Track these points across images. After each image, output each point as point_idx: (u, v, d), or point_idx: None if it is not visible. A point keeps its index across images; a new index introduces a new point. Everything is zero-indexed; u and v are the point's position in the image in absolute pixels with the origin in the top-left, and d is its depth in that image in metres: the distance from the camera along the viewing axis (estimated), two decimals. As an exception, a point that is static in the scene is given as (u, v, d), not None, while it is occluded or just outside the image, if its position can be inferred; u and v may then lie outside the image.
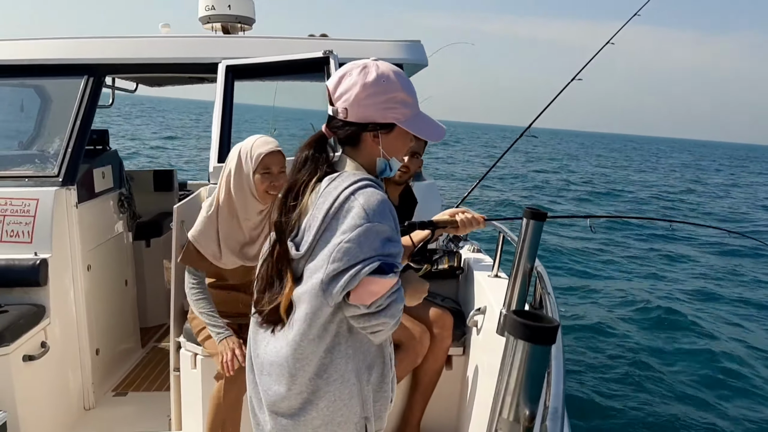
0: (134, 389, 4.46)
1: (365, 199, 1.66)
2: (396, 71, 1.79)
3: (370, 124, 1.76)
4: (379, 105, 1.74)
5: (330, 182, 1.72)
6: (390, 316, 1.66)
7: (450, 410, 3.47)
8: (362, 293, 1.63)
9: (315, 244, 1.68)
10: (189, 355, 3.41)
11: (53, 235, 3.82)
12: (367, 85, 1.73)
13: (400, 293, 1.69)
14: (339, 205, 1.66)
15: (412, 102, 1.80)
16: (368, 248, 1.61)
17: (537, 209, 2.21)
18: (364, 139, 1.79)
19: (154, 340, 5.31)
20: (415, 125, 1.80)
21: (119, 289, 4.76)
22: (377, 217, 1.63)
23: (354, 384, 1.74)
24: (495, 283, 3.38)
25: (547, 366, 1.10)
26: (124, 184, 4.88)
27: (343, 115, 1.76)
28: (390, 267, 1.64)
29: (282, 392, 1.75)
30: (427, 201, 4.29)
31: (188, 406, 3.50)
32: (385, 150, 1.79)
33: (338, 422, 1.74)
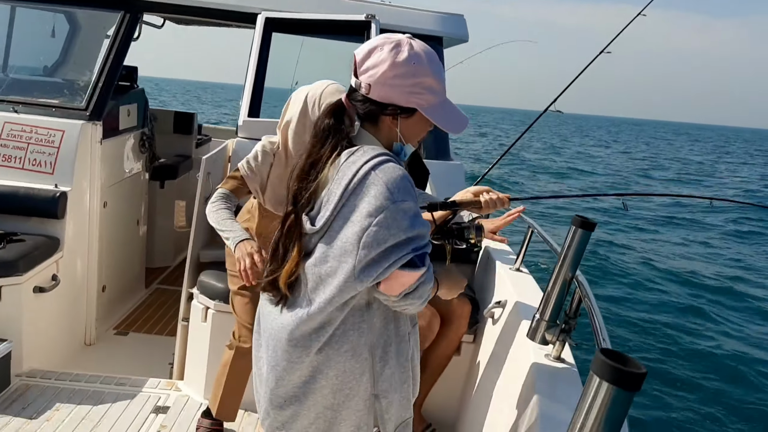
0: (135, 330, 4.45)
1: (387, 176, 1.60)
2: (429, 54, 1.70)
3: (390, 105, 1.68)
4: (405, 88, 1.66)
5: (349, 156, 1.66)
6: (418, 297, 1.65)
7: (452, 396, 3.47)
8: (393, 285, 1.61)
9: (332, 220, 1.64)
10: (200, 308, 3.40)
11: (75, 170, 3.77)
12: (397, 64, 1.65)
13: (429, 273, 1.66)
14: (359, 181, 1.60)
15: (440, 89, 1.71)
16: (397, 229, 1.57)
17: (586, 218, 2.17)
18: (383, 119, 1.72)
19: (157, 282, 5.30)
20: (438, 114, 1.72)
21: (131, 227, 4.74)
22: (401, 194, 1.58)
23: (366, 359, 1.71)
24: (517, 278, 3.36)
25: (627, 411, 1.08)
26: (148, 124, 4.82)
27: (365, 91, 1.68)
28: (422, 258, 1.61)
29: (292, 366, 1.72)
30: (450, 183, 4.25)
31: (192, 358, 3.50)
32: (403, 134, 1.73)
33: (346, 394, 1.72)
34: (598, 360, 1.08)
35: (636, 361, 1.07)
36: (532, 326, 2.32)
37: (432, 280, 1.68)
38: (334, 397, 1.72)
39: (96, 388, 3.43)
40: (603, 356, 1.07)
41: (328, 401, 1.73)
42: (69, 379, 3.49)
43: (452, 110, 1.76)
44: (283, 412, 1.78)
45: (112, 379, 3.53)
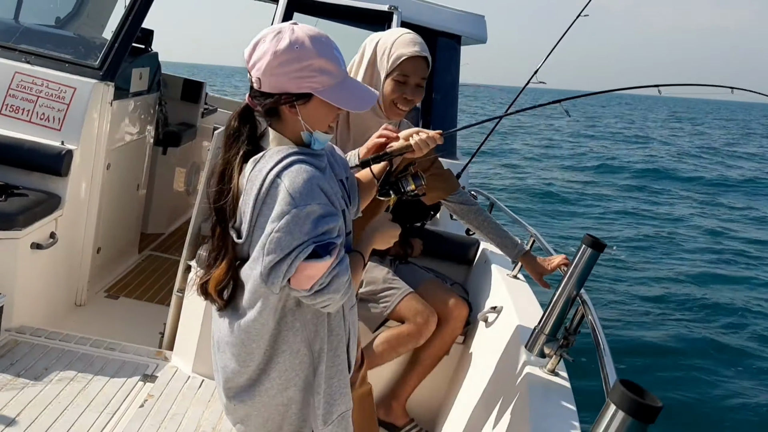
0: (126, 294, 4.45)
1: (290, 180, 1.59)
2: (314, 36, 1.66)
3: (284, 94, 1.65)
4: (292, 74, 1.62)
5: (254, 164, 1.65)
6: (334, 291, 1.64)
7: (437, 394, 3.50)
8: (300, 279, 1.60)
9: (252, 230, 1.64)
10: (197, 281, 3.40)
11: (83, 129, 3.75)
12: (279, 52, 1.61)
13: (342, 266, 1.64)
14: (267, 189, 1.60)
15: (335, 69, 1.67)
16: (299, 233, 1.56)
17: (597, 239, 2.20)
18: (283, 110, 1.69)
19: (150, 248, 5.28)
20: (335, 95, 1.68)
21: (131, 191, 4.72)
22: (304, 198, 1.57)
23: (305, 354, 1.75)
24: (513, 285, 3.39)
25: None
26: (158, 89, 4.79)
27: (257, 85, 1.66)
28: (325, 248, 1.60)
29: (237, 369, 1.77)
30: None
31: (184, 331, 3.51)
32: (306, 122, 1.69)
33: (293, 390, 1.76)
34: (618, 390, 1.10)
35: (653, 395, 1.10)
36: (531, 338, 2.34)
37: (347, 273, 1.66)
38: (281, 395, 1.77)
39: (85, 350, 3.44)
40: (622, 387, 1.10)
41: (276, 400, 1.77)
42: (59, 339, 3.49)
43: (354, 88, 1.73)
44: (237, 412, 1.84)
45: (101, 342, 3.53)
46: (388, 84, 2.36)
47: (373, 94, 1.76)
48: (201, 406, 3.17)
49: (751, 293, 10.47)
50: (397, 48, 2.32)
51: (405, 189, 2.00)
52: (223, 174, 1.70)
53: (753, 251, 13.61)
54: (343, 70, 1.70)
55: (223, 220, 1.70)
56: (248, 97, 1.72)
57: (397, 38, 2.35)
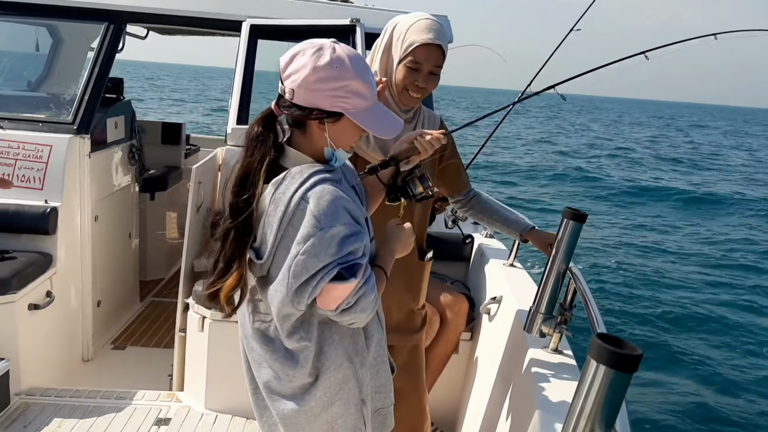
0: (133, 343, 4.44)
1: (315, 202, 1.59)
2: (354, 57, 1.68)
3: (315, 110, 1.66)
4: (328, 92, 1.64)
5: (277, 186, 1.65)
6: (360, 310, 1.65)
7: (453, 394, 3.48)
8: (326, 300, 1.63)
9: (275, 251, 1.65)
10: (197, 318, 3.40)
11: (65, 184, 3.76)
12: (318, 68, 1.63)
13: (368, 285, 1.65)
14: (292, 211, 1.61)
15: (368, 93, 1.69)
16: (325, 255, 1.58)
17: (577, 210, 2.19)
18: (310, 124, 1.71)
19: (152, 295, 5.28)
20: (366, 118, 1.70)
21: (123, 241, 4.72)
22: (329, 220, 1.58)
23: (348, 368, 1.75)
24: (511, 272, 3.38)
25: (624, 393, 1.09)
26: (135, 136, 4.81)
27: (290, 96, 1.67)
28: (350, 269, 1.61)
29: (281, 384, 1.77)
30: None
31: (192, 369, 3.50)
32: (332, 139, 1.70)
33: (338, 405, 1.76)
34: (595, 344, 1.09)
35: (631, 344, 1.09)
36: (528, 319, 2.33)
37: (373, 291, 1.67)
38: (326, 412, 1.76)
39: (96, 403, 3.42)
40: (599, 340, 1.09)
41: (322, 417, 1.76)
42: (69, 396, 3.47)
43: (383, 114, 1.75)
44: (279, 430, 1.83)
45: (112, 393, 3.52)
46: (400, 70, 2.29)
47: (398, 122, 1.78)
48: (218, 440, 3.15)
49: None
50: (411, 34, 2.26)
51: (413, 192, 2.03)
52: (245, 179, 1.68)
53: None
54: (374, 94, 1.73)
55: (239, 227, 1.67)
56: (274, 105, 1.74)
57: (412, 24, 2.28)
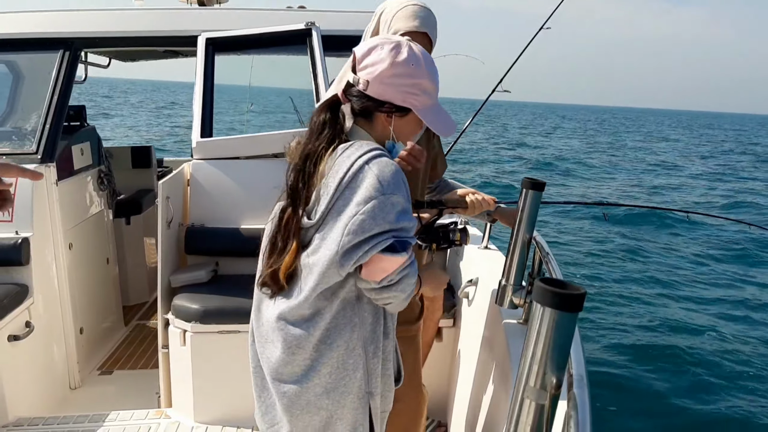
0: (119, 367, 4.42)
1: (379, 169, 1.64)
2: (427, 58, 1.78)
3: (387, 103, 1.75)
4: (402, 88, 1.73)
5: (344, 150, 1.70)
6: (401, 290, 1.68)
7: (440, 381, 3.49)
8: (373, 270, 1.64)
9: (327, 213, 1.66)
10: (178, 332, 3.39)
11: (34, 214, 3.74)
12: (397, 64, 1.72)
13: (413, 268, 1.68)
14: (353, 174, 1.64)
15: (434, 92, 1.80)
16: (382, 221, 1.60)
17: (535, 179, 2.21)
18: (377, 116, 1.79)
19: (136, 318, 5.26)
20: (431, 116, 1.80)
21: (101, 267, 4.70)
22: (391, 188, 1.62)
23: (360, 355, 1.73)
24: (485, 255, 3.40)
25: (573, 333, 1.11)
26: (103, 161, 4.80)
27: (363, 87, 1.74)
28: (403, 244, 1.64)
29: (285, 358, 1.74)
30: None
31: (178, 383, 3.48)
32: (396, 132, 1.80)
33: (341, 392, 1.73)
34: (539, 288, 1.11)
35: (575, 284, 1.10)
36: (498, 292, 2.35)
37: (415, 275, 1.70)
38: (328, 396, 1.73)
39: (85, 427, 3.40)
40: (543, 284, 1.10)
41: (322, 402, 1.73)
42: (57, 423, 3.45)
43: (443, 114, 1.83)
44: (276, 412, 1.81)
45: (101, 416, 3.50)
46: None
47: (454, 124, 1.87)
48: (209, 452, 3.14)
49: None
50: (396, 21, 2.23)
51: (451, 239, 2.09)
52: (309, 157, 1.74)
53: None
54: (437, 94, 1.82)
55: (297, 204, 1.73)
56: (342, 93, 1.80)
57: (398, 10, 2.24)
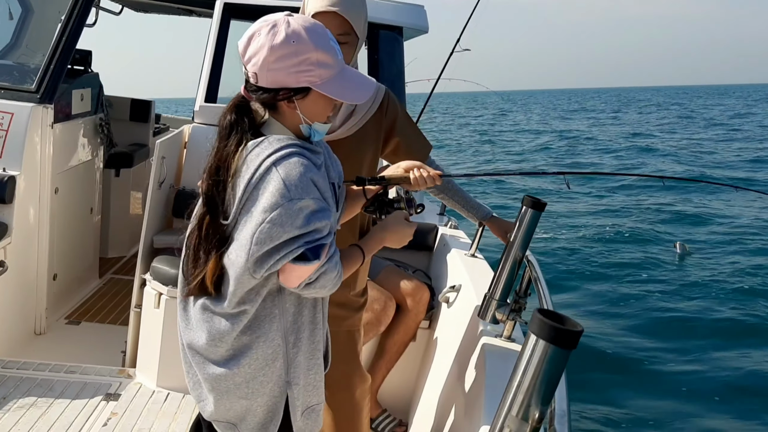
0: (88, 319, 4.37)
1: (286, 172, 1.57)
2: (310, 28, 1.63)
3: (282, 89, 1.63)
4: (291, 69, 1.60)
5: (254, 147, 1.63)
6: (321, 286, 1.64)
7: (408, 382, 3.48)
8: (288, 277, 1.61)
9: (239, 212, 1.61)
10: (153, 294, 3.35)
11: (25, 153, 3.68)
12: (275, 47, 1.59)
13: (331, 263, 1.63)
14: (260, 176, 1.58)
15: (332, 61, 1.65)
16: (290, 227, 1.55)
17: (537, 198, 2.19)
18: (280, 105, 1.67)
19: (111, 272, 5.20)
20: (333, 87, 1.65)
21: (84, 215, 4.64)
22: (299, 192, 1.56)
23: (279, 345, 1.70)
24: (472, 263, 3.38)
25: (563, 369, 1.09)
26: (103, 110, 4.73)
27: (254, 80, 1.64)
28: (315, 251, 1.59)
29: (209, 348, 1.71)
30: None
31: (145, 345, 3.45)
32: (304, 115, 1.67)
33: (260, 381, 1.71)
34: (536, 319, 1.09)
35: (573, 320, 1.08)
36: (483, 305, 2.33)
37: (335, 269, 1.65)
38: (248, 386, 1.71)
39: (45, 376, 3.36)
40: (541, 315, 1.08)
41: (242, 390, 1.71)
42: (17, 368, 3.40)
43: (351, 79, 1.71)
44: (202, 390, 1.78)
45: (61, 366, 3.46)
46: None
47: (371, 82, 1.75)
48: (167, 418, 3.11)
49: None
50: (309, 3, 2.16)
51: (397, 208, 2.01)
52: (218, 168, 1.65)
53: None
54: (340, 60, 1.68)
55: (214, 211, 1.65)
56: (243, 90, 1.70)
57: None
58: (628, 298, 9.25)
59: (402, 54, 4.94)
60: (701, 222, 13.93)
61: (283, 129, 1.69)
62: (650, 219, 14.12)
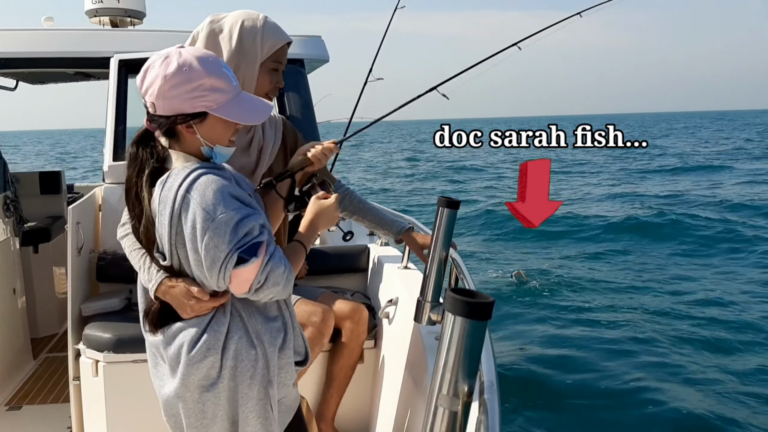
0: (29, 402, 4.20)
1: (200, 195, 1.66)
2: (202, 57, 1.74)
3: (179, 115, 1.72)
4: (185, 95, 1.70)
5: (162, 185, 1.72)
6: (273, 284, 1.72)
7: (363, 403, 3.47)
8: (237, 284, 1.70)
9: (173, 248, 1.73)
10: (89, 363, 3.25)
11: None
12: (168, 76, 1.69)
13: (275, 260, 1.71)
14: (179, 206, 1.67)
15: (226, 86, 1.74)
16: (224, 243, 1.65)
17: (451, 198, 2.26)
18: (180, 131, 1.76)
19: (46, 351, 5.02)
20: (229, 111, 1.75)
21: (7, 297, 4.48)
22: (217, 209, 1.65)
23: (256, 344, 1.81)
24: (405, 274, 3.42)
25: (483, 341, 1.13)
26: (9, 187, 4.60)
27: (152, 110, 1.74)
28: (249, 250, 1.67)
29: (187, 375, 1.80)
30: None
31: (90, 416, 3.34)
32: (205, 138, 1.76)
33: (244, 390, 1.81)
34: (449, 297, 1.13)
35: (484, 294, 1.13)
36: (417, 309, 2.37)
37: (281, 264, 1.73)
38: (235, 391, 1.81)
39: (-12, 467, 3.21)
40: (453, 294, 1.12)
41: (232, 393, 1.81)
42: (-44, 464, 3.25)
43: (248, 102, 1.80)
44: (174, 407, 1.87)
45: None
46: (263, 74, 2.23)
47: (267, 105, 1.86)
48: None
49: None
50: (270, 34, 2.19)
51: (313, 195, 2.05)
52: (130, 194, 1.77)
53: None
54: (235, 86, 1.78)
55: (150, 247, 1.78)
56: (146, 121, 1.79)
57: (263, 22, 2.20)
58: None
59: (307, 85, 4.99)
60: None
61: (186, 156, 1.77)
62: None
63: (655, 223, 15.59)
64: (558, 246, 13.95)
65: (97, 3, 4.88)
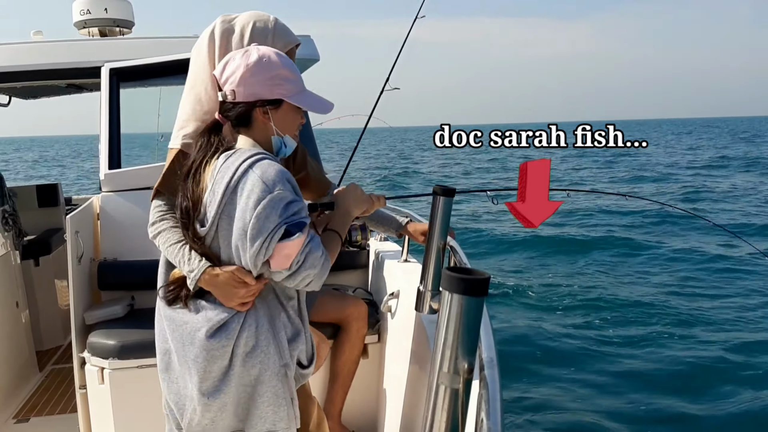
0: (36, 414, 4.21)
1: (262, 170, 1.77)
2: (277, 52, 1.93)
3: (258, 101, 1.89)
4: (265, 82, 1.87)
5: (227, 158, 1.84)
6: (311, 266, 1.80)
7: (369, 398, 3.48)
8: (279, 260, 1.77)
9: (218, 219, 1.81)
10: (95, 371, 3.26)
11: None
12: (251, 65, 1.87)
13: (314, 243, 1.82)
14: (238, 179, 1.78)
15: (296, 79, 1.94)
16: (275, 216, 1.74)
17: (446, 186, 2.26)
18: (256, 117, 1.91)
19: (51, 363, 5.03)
20: (303, 99, 1.94)
21: (10, 312, 4.49)
22: (275, 184, 1.76)
23: (268, 330, 1.90)
24: (405, 267, 3.43)
25: (481, 317, 1.14)
26: (7, 201, 4.61)
27: (232, 97, 1.89)
28: (296, 227, 1.77)
29: (211, 359, 1.87)
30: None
31: (98, 424, 3.34)
32: (276, 127, 1.91)
33: (259, 369, 1.89)
34: (446, 276, 1.13)
35: (480, 270, 1.13)
36: (417, 299, 2.37)
37: (319, 248, 1.83)
38: (249, 376, 1.89)
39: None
40: (449, 272, 1.13)
41: (245, 380, 1.88)
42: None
43: (315, 97, 1.98)
44: (211, 407, 1.91)
45: None
46: None
47: (329, 103, 2.01)
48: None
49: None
50: (280, 36, 2.18)
51: (351, 240, 2.18)
52: (191, 173, 1.89)
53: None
54: (302, 82, 1.96)
55: (188, 222, 1.89)
56: (218, 114, 1.95)
57: (273, 25, 2.18)
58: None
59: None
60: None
61: (253, 143, 1.91)
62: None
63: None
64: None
65: (85, 14, 4.89)
